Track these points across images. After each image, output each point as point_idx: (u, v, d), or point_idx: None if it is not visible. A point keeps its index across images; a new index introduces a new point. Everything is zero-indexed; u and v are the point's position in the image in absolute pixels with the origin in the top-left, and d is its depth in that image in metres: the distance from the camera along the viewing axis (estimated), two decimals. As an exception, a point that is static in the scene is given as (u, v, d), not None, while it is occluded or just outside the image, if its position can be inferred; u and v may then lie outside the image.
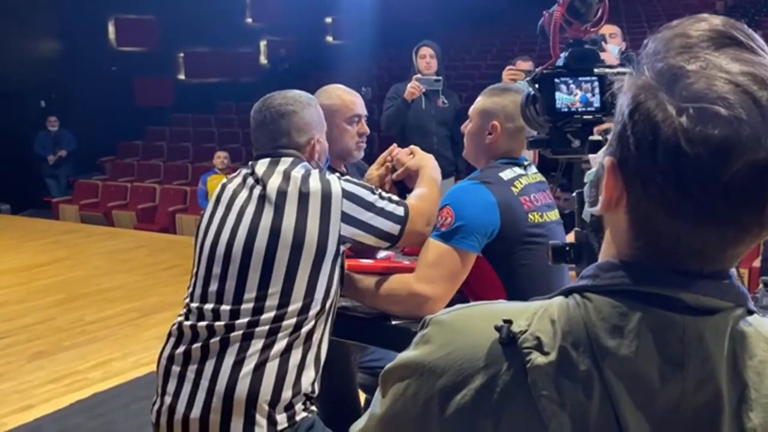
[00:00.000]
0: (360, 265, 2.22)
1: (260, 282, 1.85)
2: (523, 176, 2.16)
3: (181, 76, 13.83)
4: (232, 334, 1.85)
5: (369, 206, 1.94)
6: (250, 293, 1.86)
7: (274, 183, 1.92)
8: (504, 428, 0.70)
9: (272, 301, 1.84)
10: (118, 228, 9.23)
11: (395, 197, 2.03)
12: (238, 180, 2.02)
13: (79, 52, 11.64)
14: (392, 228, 1.97)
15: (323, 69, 14.44)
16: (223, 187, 2.04)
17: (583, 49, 1.44)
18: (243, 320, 1.85)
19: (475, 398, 0.71)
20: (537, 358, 0.69)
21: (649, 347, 0.68)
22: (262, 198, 1.91)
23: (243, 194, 1.96)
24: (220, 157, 8.50)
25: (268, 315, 1.84)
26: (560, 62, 1.43)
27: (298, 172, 1.93)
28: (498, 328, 0.71)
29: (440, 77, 5.14)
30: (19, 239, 8.32)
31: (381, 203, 1.97)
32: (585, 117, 1.39)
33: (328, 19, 16.10)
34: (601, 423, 0.67)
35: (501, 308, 0.75)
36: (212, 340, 1.86)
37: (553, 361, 0.69)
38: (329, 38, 16.28)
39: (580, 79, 1.38)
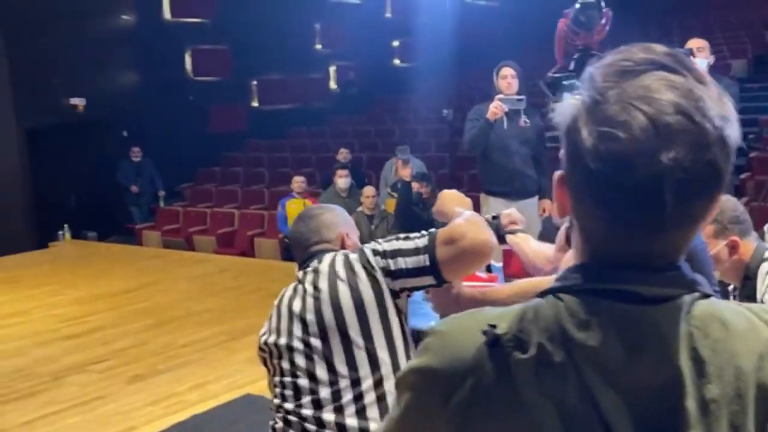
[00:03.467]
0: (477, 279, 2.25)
1: (347, 358, 1.90)
2: None
3: (255, 103, 14.15)
4: (347, 418, 1.88)
5: (393, 254, 1.92)
6: (342, 369, 1.90)
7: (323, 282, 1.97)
8: (495, 418, 0.80)
9: (364, 370, 1.89)
10: (200, 253, 9.46)
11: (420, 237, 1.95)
12: (290, 292, 2.07)
13: (158, 82, 12.04)
14: (419, 261, 1.89)
15: (391, 91, 14.60)
16: (280, 300, 2.09)
17: (590, 54, 1.52)
18: (348, 397, 1.89)
19: (469, 395, 0.81)
20: (519, 356, 0.79)
21: (613, 337, 0.77)
22: (317, 298, 1.96)
23: (297, 301, 2.01)
24: (298, 182, 8.65)
25: (367, 384, 1.89)
26: (572, 67, 1.51)
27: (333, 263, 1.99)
28: (484, 332, 0.81)
29: (523, 97, 5.14)
30: (108, 265, 8.62)
31: (401, 244, 1.92)
32: None
33: (396, 43, 16.27)
34: (579, 405, 0.77)
35: (487, 314, 0.86)
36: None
37: (533, 356, 0.79)
38: (396, 61, 16.43)
39: None
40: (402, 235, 1.95)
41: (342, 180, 7.83)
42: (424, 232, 1.94)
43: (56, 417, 4.39)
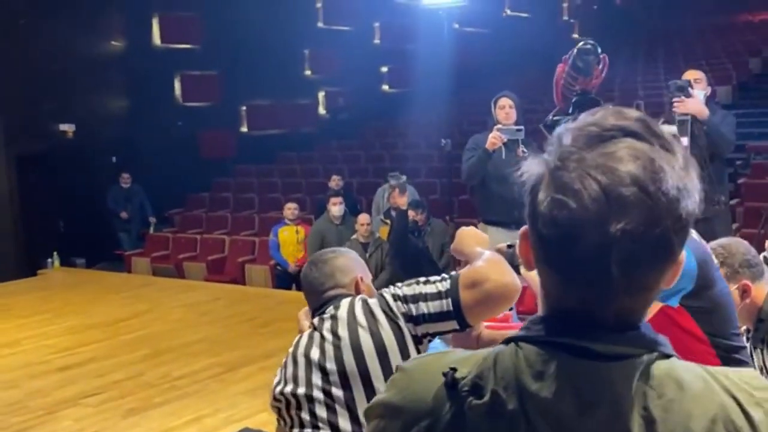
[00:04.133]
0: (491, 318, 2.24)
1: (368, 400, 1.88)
2: None
3: (244, 128, 14.13)
4: None
5: (414, 298, 1.90)
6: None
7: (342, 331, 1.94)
8: None
9: None
10: (192, 280, 9.37)
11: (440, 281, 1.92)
12: (305, 339, 2.02)
13: (148, 108, 12.01)
14: (442, 305, 1.87)
15: (381, 117, 14.66)
16: (295, 347, 2.04)
17: (588, 98, 1.59)
18: None
19: None
20: (473, 401, 0.81)
21: (566, 390, 0.78)
22: (337, 346, 1.92)
23: (315, 349, 1.97)
24: (290, 209, 8.61)
25: None
26: (570, 110, 1.57)
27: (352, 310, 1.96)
28: (444, 374, 0.83)
29: (522, 127, 5.16)
30: (99, 293, 8.51)
31: (422, 288, 1.91)
32: None
33: (384, 69, 16.36)
34: None
35: (453, 357, 0.88)
36: None
37: (486, 402, 0.81)
38: (385, 87, 16.52)
39: None
40: (422, 279, 1.93)
41: (336, 208, 7.82)
42: (444, 275, 1.91)
43: (52, 453, 4.33)
